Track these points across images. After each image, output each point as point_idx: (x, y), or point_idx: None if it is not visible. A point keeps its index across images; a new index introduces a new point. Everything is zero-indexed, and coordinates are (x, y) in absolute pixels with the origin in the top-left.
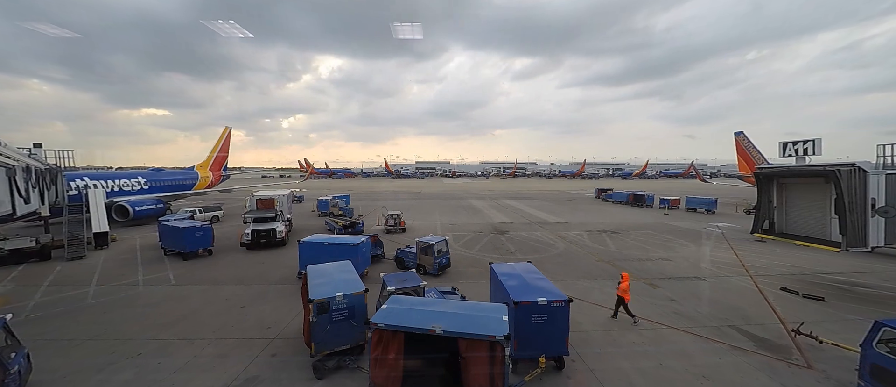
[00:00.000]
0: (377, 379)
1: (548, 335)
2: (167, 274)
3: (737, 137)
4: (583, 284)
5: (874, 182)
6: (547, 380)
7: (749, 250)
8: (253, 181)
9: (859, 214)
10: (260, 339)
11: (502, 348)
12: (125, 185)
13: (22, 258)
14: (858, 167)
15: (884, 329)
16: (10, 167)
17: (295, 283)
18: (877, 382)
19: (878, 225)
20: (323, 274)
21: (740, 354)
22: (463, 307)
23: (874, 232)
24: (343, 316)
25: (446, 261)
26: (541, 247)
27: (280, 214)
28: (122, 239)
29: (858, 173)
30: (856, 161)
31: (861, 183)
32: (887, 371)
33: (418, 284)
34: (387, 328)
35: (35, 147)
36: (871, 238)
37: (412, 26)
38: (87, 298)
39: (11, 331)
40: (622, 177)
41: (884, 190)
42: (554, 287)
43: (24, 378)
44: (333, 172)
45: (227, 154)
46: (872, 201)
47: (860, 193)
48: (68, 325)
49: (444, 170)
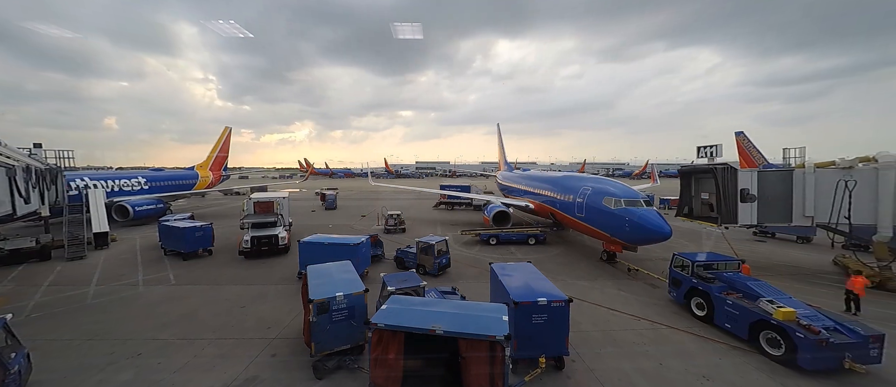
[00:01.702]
0: (377, 379)
1: (548, 335)
2: (167, 274)
3: (737, 137)
4: (583, 284)
5: (746, 177)
6: (547, 380)
7: (749, 250)
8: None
9: (731, 199)
10: (260, 339)
11: (502, 348)
12: (125, 185)
13: (22, 258)
14: (730, 166)
15: (674, 257)
16: (10, 167)
17: (295, 283)
18: (672, 287)
19: (752, 209)
20: (323, 274)
21: (740, 354)
22: (463, 307)
23: (746, 214)
24: (343, 316)
25: (446, 261)
26: (541, 247)
27: (280, 218)
28: (122, 239)
29: (730, 170)
30: (728, 161)
31: (733, 177)
32: (675, 279)
33: (418, 284)
34: (387, 328)
35: (35, 147)
36: (743, 218)
37: (412, 26)
38: (87, 298)
39: (11, 331)
40: (622, 177)
41: (756, 183)
42: (554, 287)
43: (24, 378)
44: (333, 172)
45: (227, 154)
46: (742, 191)
47: (732, 185)
48: (68, 325)
49: (445, 170)
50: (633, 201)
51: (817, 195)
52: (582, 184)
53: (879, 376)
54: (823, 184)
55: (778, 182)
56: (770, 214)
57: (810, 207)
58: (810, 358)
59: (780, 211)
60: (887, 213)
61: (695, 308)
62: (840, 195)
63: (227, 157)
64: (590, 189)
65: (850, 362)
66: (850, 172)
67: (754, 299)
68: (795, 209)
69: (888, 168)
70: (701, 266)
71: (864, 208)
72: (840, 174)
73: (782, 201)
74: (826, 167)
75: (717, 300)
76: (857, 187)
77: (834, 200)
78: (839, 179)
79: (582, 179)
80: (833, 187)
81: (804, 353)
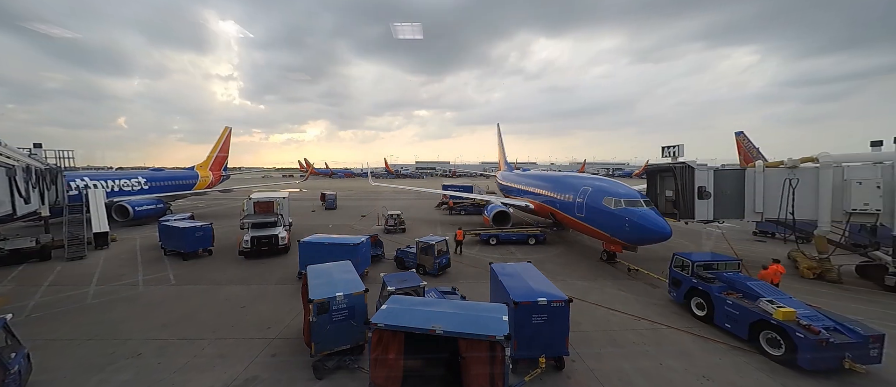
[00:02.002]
0: (377, 379)
1: (548, 335)
2: (167, 274)
3: (737, 137)
4: (583, 284)
5: (703, 175)
6: (547, 380)
7: (749, 250)
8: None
9: (689, 196)
10: (260, 339)
11: (502, 348)
12: (125, 185)
13: (22, 258)
14: (688, 165)
15: (674, 257)
16: (11, 167)
17: (295, 283)
18: (672, 287)
19: (708, 205)
20: (323, 274)
21: (740, 354)
22: (463, 307)
23: (703, 210)
24: (343, 316)
25: (446, 261)
26: (541, 247)
27: (280, 218)
28: (122, 239)
29: (688, 169)
30: (686, 161)
31: (690, 175)
32: (675, 279)
33: (418, 284)
34: (387, 328)
35: (35, 147)
36: (700, 214)
37: (412, 26)
38: (87, 298)
39: (11, 331)
40: (622, 177)
41: (712, 181)
42: (554, 287)
43: (24, 378)
44: (334, 172)
45: (227, 154)
46: (699, 189)
47: (690, 183)
48: (68, 325)
49: (445, 170)
50: (633, 201)
51: (767, 192)
52: (582, 184)
53: (879, 376)
54: (772, 182)
55: (732, 180)
56: (725, 210)
57: (760, 204)
58: (810, 358)
59: (734, 207)
60: (826, 209)
61: (695, 308)
62: (786, 193)
63: (227, 157)
64: (590, 189)
65: (849, 362)
66: (795, 171)
67: (754, 299)
68: (747, 206)
69: (827, 167)
70: (701, 266)
71: (807, 205)
72: (786, 173)
73: (736, 198)
74: (775, 167)
75: (717, 300)
76: (800, 185)
77: (781, 197)
78: (785, 178)
79: (582, 179)
80: (780, 185)
81: (804, 353)
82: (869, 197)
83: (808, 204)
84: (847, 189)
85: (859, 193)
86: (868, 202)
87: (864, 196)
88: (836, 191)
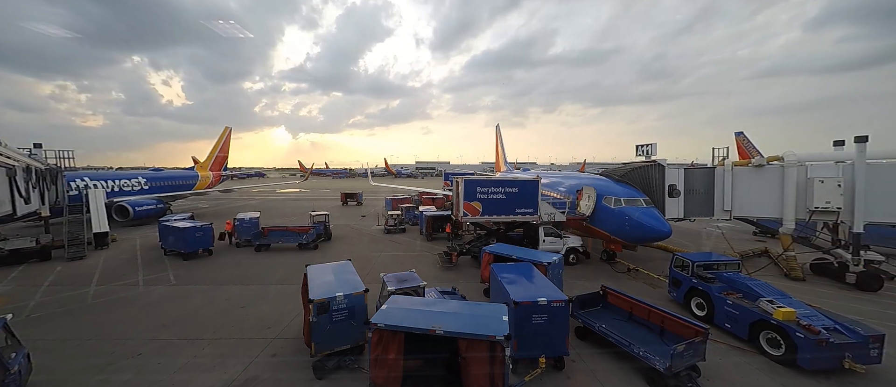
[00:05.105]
0: (377, 379)
1: (548, 335)
2: (167, 274)
3: (737, 137)
4: (582, 284)
5: (673, 173)
6: (547, 380)
7: (748, 249)
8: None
9: (659, 193)
10: (260, 339)
11: (502, 348)
12: (125, 185)
13: (22, 258)
14: (658, 163)
15: (674, 257)
16: (11, 167)
17: (295, 283)
18: (672, 287)
19: (679, 203)
20: (323, 274)
21: (740, 354)
22: (463, 307)
23: (673, 207)
24: (343, 316)
25: None
26: None
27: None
28: (123, 239)
29: (658, 167)
30: (657, 159)
31: (660, 174)
32: (675, 279)
33: (418, 284)
34: (387, 328)
35: (35, 147)
36: (670, 211)
37: None
38: (87, 298)
39: (11, 331)
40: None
41: (682, 180)
42: (554, 287)
43: (24, 378)
44: (336, 173)
45: (227, 154)
46: (670, 186)
47: (660, 181)
48: (68, 325)
49: (444, 170)
50: (632, 200)
51: (735, 191)
52: (582, 183)
53: (879, 376)
54: (740, 180)
55: (702, 179)
56: (694, 208)
57: (728, 202)
58: (810, 358)
59: (704, 205)
60: (791, 207)
61: (695, 308)
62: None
63: (227, 157)
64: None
65: (849, 362)
66: (762, 170)
67: (754, 299)
68: (716, 203)
69: (791, 166)
70: (701, 266)
71: (772, 203)
72: (753, 172)
73: (705, 196)
74: (743, 165)
75: (717, 300)
76: (765, 183)
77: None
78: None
79: (581, 179)
80: (748, 184)
81: (804, 353)
82: (830, 195)
83: (773, 202)
84: (810, 187)
85: (821, 192)
86: (830, 200)
87: (826, 194)
88: (800, 189)
